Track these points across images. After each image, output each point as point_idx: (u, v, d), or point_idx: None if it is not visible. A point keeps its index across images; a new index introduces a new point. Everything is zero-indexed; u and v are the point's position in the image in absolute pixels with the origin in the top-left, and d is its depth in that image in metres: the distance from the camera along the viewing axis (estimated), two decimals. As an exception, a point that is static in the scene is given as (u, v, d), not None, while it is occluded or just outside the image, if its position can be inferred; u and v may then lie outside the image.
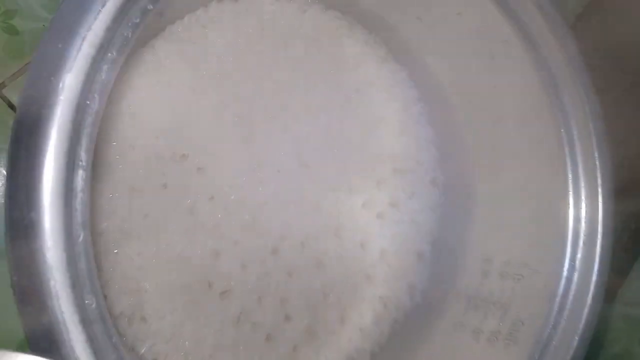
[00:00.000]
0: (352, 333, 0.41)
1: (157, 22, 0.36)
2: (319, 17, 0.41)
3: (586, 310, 0.35)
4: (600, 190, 0.35)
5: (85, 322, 0.22)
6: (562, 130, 0.35)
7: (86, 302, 0.22)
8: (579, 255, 0.35)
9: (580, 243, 0.35)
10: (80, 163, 0.23)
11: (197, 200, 0.37)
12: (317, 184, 0.40)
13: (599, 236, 0.35)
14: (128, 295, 0.34)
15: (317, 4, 0.41)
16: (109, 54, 0.24)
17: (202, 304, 0.36)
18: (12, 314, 0.42)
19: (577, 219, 0.36)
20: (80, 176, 0.23)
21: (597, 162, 0.35)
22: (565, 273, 0.35)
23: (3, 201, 0.42)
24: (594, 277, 0.35)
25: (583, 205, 0.35)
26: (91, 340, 0.22)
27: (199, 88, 0.37)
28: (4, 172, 0.42)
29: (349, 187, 0.41)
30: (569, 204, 0.36)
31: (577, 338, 0.35)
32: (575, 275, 0.35)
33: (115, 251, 0.35)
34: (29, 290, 0.22)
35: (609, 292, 0.36)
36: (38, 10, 0.45)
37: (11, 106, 0.44)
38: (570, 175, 0.36)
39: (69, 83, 0.23)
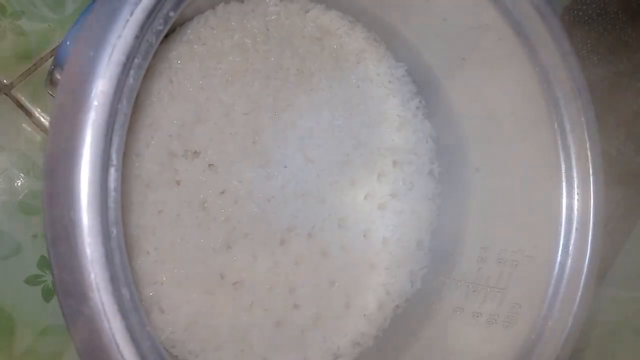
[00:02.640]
0: (356, 319, 0.43)
1: (166, 29, 0.37)
2: (321, 16, 0.42)
3: (579, 293, 0.37)
4: (592, 179, 0.37)
5: (122, 312, 0.24)
6: (555, 122, 0.37)
7: (122, 293, 0.24)
8: (572, 242, 0.38)
9: (573, 230, 0.38)
10: (112, 163, 0.25)
11: (209, 195, 0.38)
12: (322, 177, 0.42)
13: (591, 224, 0.38)
14: (146, 288, 0.36)
15: (319, 4, 0.42)
16: (136, 60, 0.26)
17: (215, 295, 0.38)
18: (30, 305, 0.43)
19: (570, 208, 0.38)
20: (113, 176, 0.25)
21: (589, 153, 0.37)
22: (559, 259, 0.37)
23: (21, 197, 0.43)
24: (586, 262, 0.37)
25: (575, 194, 0.38)
26: (129, 328, 0.24)
27: (208, 87, 0.38)
28: (20, 174, 0.43)
29: (351, 180, 0.43)
30: (562, 193, 0.38)
31: (571, 319, 0.37)
32: (569, 261, 0.37)
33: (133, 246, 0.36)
34: (70, 283, 0.23)
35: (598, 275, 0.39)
36: (44, 11, 0.45)
37: (20, 106, 0.45)
38: (563, 166, 0.38)
39: (103, 89, 0.24)
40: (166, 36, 0.38)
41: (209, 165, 0.38)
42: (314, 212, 0.42)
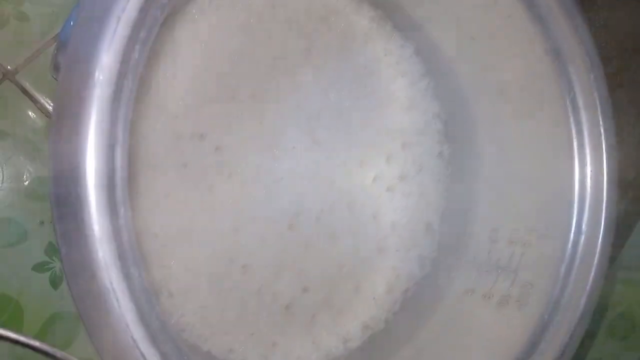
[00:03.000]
0: (366, 302, 0.43)
1: (171, 3, 0.36)
2: (327, -5, 0.42)
3: (593, 272, 0.37)
4: (605, 156, 0.37)
5: (131, 291, 0.23)
6: (567, 98, 0.37)
7: (131, 272, 0.24)
8: (584, 220, 0.37)
9: (586, 208, 0.37)
10: (119, 140, 0.24)
11: (216, 179, 0.38)
12: (330, 159, 0.41)
13: (604, 202, 0.37)
14: (155, 271, 0.36)
15: (325, -18, 0.42)
16: (141, 34, 0.25)
17: (224, 279, 0.38)
18: (38, 293, 0.43)
19: (582, 186, 0.37)
20: (119, 152, 0.24)
21: (602, 130, 0.36)
22: (572, 237, 0.37)
23: (27, 184, 0.43)
24: (600, 241, 0.37)
25: (588, 171, 0.37)
26: (138, 308, 0.23)
27: (213, 68, 0.38)
28: (26, 160, 0.43)
29: (360, 162, 0.42)
30: (574, 171, 0.37)
31: (584, 299, 0.36)
32: (582, 239, 0.37)
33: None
34: (78, 262, 0.23)
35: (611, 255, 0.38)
36: (47, -5, 0.45)
37: (24, 92, 0.44)
38: (575, 143, 0.37)
39: (107, 63, 0.23)
40: (171, 15, 0.38)
41: (216, 147, 0.38)
42: (323, 195, 0.41)
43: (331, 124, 0.41)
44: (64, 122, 0.23)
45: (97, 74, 0.23)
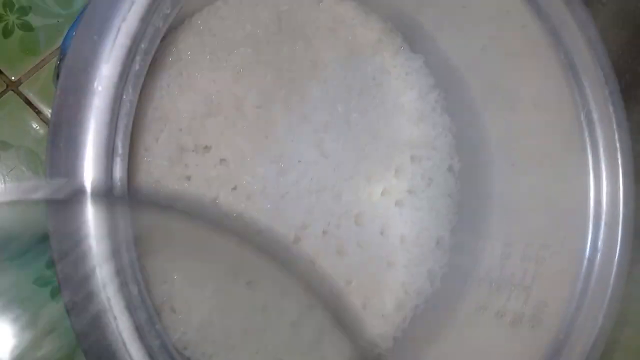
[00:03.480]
0: (374, 319, 0.42)
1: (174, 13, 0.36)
2: (334, 6, 0.41)
3: (609, 291, 0.35)
4: (621, 171, 0.35)
5: (130, 309, 0.22)
6: (582, 112, 0.36)
7: (130, 289, 0.23)
8: (600, 236, 0.36)
9: (602, 224, 0.36)
10: (118, 152, 0.24)
11: (221, 191, 0.37)
12: (337, 172, 0.40)
13: (621, 217, 0.36)
14: (157, 286, 0.35)
15: (333, -7, 0.41)
16: (142, 45, 0.24)
17: (229, 294, 0.37)
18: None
19: (597, 201, 0.36)
20: (119, 165, 0.23)
21: (618, 144, 0.35)
22: (587, 254, 0.36)
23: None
24: (617, 258, 0.36)
25: (604, 186, 0.36)
26: (136, 326, 0.23)
27: (219, 80, 0.37)
28: (28, 171, 0.42)
29: (368, 176, 0.41)
30: (589, 186, 0.36)
31: (601, 317, 0.35)
32: (598, 256, 0.36)
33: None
34: (75, 278, 0.22)
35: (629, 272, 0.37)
36: (52, 6, 0.45)
37: (28, 102, 0.44)
38: (590, 158, 0.36)
39: (106, 73, 0.23)
40: (175, 27, 0.37)
41: (221, 160, 0.37)
42: (329, 208, 0.40)
43: (339, 136, 0.40)
44: (62, 132, 0.23)
45: (95, 84, 0.22)
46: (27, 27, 0.44)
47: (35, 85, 0.44)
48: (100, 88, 0.23)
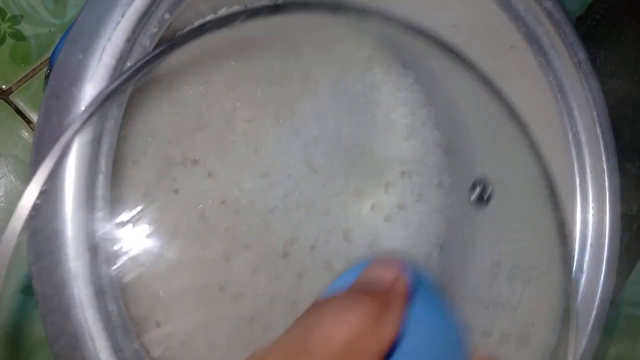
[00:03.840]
0: (361, 336, 0.41)
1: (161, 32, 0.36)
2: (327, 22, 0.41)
3: (594, 312, 0.35)
4: (607, 193, 0.36)
5: (108, 329, 0.22)
6: (569, 133, 0.36)
7: (109, 309, 0.23)
8: (586, 258, 0.36)
9: (588, 246, 0.36)
10: (101, 170, 0.23)
11: (208, 205, 0.37)
12: (326, 188, 0.40)
13: (606, 239, 0.36)
14: (141, 300, 0.35)
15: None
16: (128, 64, 0.24)
17: (214, 308, 0.37)
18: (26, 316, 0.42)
19: (584, 223, 0.36)
20: (101, 183, 0.23)
21: (605, 166, 0.36)
22: (573, 275, 0.36)
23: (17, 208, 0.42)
24: (602, 279, 0.36)
25: (590, 209, 0.36)
26: (115, 347, 0.22)
27: (209, 93, 0.37)
28: (12, 178, 0.42)
29: (357, 191, 0.41)
30: (576, 207, 0.36)
31: (585, 339, 0.35)
32: (583, 277, 0.36)
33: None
34: (53, 298, 0.22)
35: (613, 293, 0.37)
36: (44, 15, 0.45)
37: (18, 112, 0.44)
38: (577, 179, 0.36)
39: (90, 93, 0.23)
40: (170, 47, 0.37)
41: (209, 174, 0.37)
42: (318, 223, 0.40)
43: (328, 152, 0.40)
44: (44, 148, 0.23)
45: (79, 105, 0.22)
46: (19, 36, 0.44)
47: (25, 95, 0.44)
48: (83, 107, 0.23)
